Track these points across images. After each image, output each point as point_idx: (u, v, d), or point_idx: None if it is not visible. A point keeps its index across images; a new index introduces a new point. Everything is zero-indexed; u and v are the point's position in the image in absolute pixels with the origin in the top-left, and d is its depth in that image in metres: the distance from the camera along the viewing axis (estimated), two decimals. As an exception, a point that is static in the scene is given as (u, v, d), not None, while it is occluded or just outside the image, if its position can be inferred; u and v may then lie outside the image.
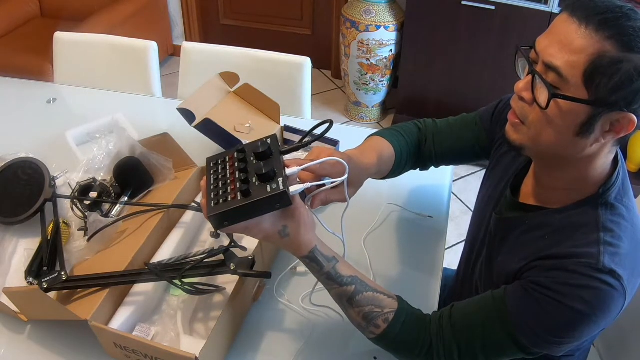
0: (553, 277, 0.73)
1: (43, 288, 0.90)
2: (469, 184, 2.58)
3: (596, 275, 0.70)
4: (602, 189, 0.77)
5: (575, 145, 0.73)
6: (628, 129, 0.69)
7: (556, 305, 0.72)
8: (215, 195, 0.74)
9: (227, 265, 0.89)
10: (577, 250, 0.73)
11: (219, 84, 1.33)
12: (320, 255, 0.81)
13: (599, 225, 0.75)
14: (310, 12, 3.23)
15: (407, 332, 0.83)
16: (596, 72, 0.66)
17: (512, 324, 0.76)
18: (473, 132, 1.03)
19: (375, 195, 1.22)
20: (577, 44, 0.66)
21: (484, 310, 0.80)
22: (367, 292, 0.83)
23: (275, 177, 0.74)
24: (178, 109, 1.22)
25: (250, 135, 1.25)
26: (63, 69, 1.76)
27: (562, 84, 0.68)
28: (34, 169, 1.14)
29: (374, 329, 0.82)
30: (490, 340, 0.78)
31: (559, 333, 0.74)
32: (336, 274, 0.82)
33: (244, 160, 0.78)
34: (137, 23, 3.02)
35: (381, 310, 0.82)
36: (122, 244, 1.00)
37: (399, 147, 1.02)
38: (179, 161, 1.14)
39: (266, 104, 1.32)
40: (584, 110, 0.69)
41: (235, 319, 0.92)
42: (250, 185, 0.73)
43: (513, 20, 2.27)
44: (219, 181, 0.77)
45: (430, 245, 1.11)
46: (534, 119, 0.74)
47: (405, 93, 2.73)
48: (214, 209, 0.73)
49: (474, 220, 1.04)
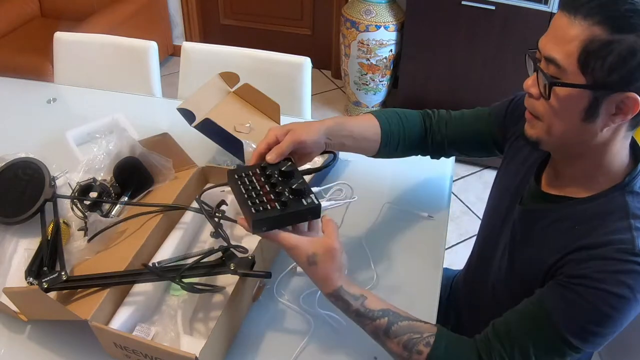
0: (591, 267, 0.74)
1: (43, 288, 0.90)
2: (469, 184, 2.58)
3: (633, 259, 0.72)
4: (627, 178, 0.78)
5: (586, 132, 0.76)
6: (634, 109, 0.71)
7: (598, 293, 0.72)
8: (253, 204, 0.81)
9: (227, 265, 0.89)
10: (610, 237, 0.74)
11: (219, 84, 1.33)
12: (346, 295, 0.82)
13: (629, 212, 0.76)
14: (310, 12, 3.23)
15: (452, 353, 0.81)
16: (589, 57, 0.69)
17: (558, 324, 0.75)
18: (486, 124, 1.06)
19: (375, 195, 1.22)
20: (570, 34, 0.70)
21: (527, 320, 0.78)
22: (402, 322, 0.82)
23: (306, 192, 0.83)
24: (178, 109, 1.22)
25: (250, 135, 1.25)
26: (63, 69, 1.76)
27: (561, 73, 0.72)
28: (34, 169, 1.14)
29: (417, 356, 0.80)
30: (540, 345, 0.76)
31: (605, 322, 0.73)
32: (365, 310, 0.82)
33: (269, 177, 0.86)
34: (137, 23, 3.02)
35: (420, 336, 0.81)
36: (122, 244, 1.00)
37: (388, 127, 1.03)
38: (179, 161, 1.14)
39: (266, 104, 1.31)
40: (585, 95, 0.72)
41: (235, 319, 0.92)
42: (287, 199, 0.82)
43: (513, 20, 2.27)
44: (250, 192, 0.84)
45: (430, 245, 1.11)
46: (543, 112, 0.78)
47: (405, 93, 2.73)
48: (258, 214, 0.80)
49: (489, 217, 1.04)
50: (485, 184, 2.57)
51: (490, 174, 2.63)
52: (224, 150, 1.31)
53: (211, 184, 1.16)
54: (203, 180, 1.17)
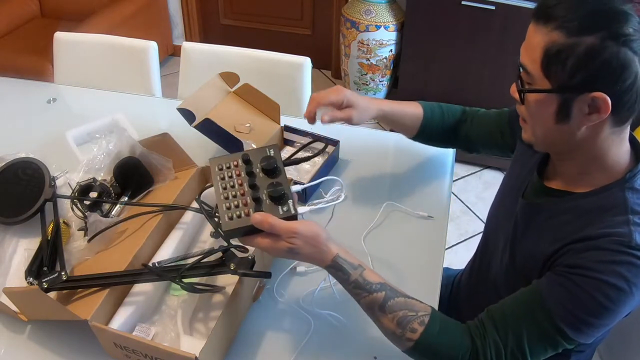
0: (587, 257, 0.75)
1: (43, 288, 0.90)
2: (468, 184, 2.58)
3: (629, 251, 0.73)
4: (628, 174, 0.80)
5: (563, 132, 0.78)
6: (606, 108, 0.72)
7: (593, 282, 0.74)
8: (227, 209, 0.81)
9: (227, 265, 0.89)
10: (608, 230, 0.76)
11: (219, 84, 1.32)
12: (345, 263, 0.82)
13: (627, 207, 0.77)
14: (310, 12, 3.23)
15: (446, 334, 0.81)
16: (551, 62, 0.72)
17: (552, 312, 0.76)
18: (500, 126, 1.13)
19: (375, 194, 1.22)
20: (535, 41, 0.74)
21: (522, 306, 0.80)
22: (399, 298, 0.82)
23: (284, 198, 0.81)
24: (178, 109, 1.22)
25: (250, 135, 1.25)
26: (63, 69, 1.76)
27: (531, 79, 0.76)
28: (34, 169, 1.14)
29: (411, 334, 0.80)
30: (534, 333, 0.78)
31: (599, 312, 0.75)
32: (364, 281, 0.82)
33: (251, 173, 0.85)
34: (137, 23, 3.02)
35: (415, 314, 0.81)
36: (122, 244, 1.00)
37: (430, 114, 1.15)
38: (179, 161, 1.14)
39: (266, 103, 1.31)
40: (553, 99, 0.75)
41: (235, 319, 0.92)
42: (262, 204, 0.81)
43: (513, 20, 2.27)
44: (228, 192, 0.83)
45: (430, 245, 1.11)
46: (525, 116, 0.83)
47: (405, 93, 2.73)
48: (229, 224, 0.79)
49: (494, 213, 1.07)
50: (485, 184, 2.57)
51: (490, 174, 2.63)
52: (224, 150, 1.31)
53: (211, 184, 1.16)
54: (203, 180, 1.17)
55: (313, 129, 1.28)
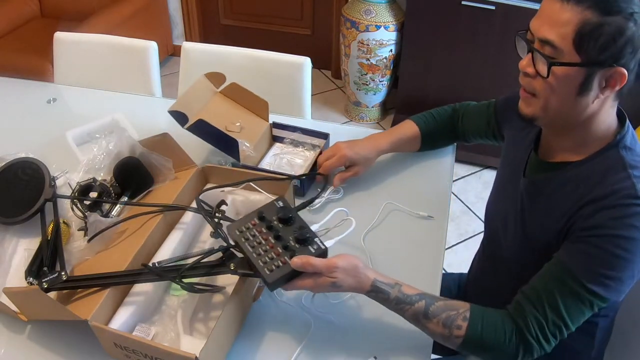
0: (599, 217, 0.81)
1: (43, 288, 0.90)
2: (468, 184, 2.58)
3: (637, 202, 0.79)
4: (619, 136, 0.86)
5: (579, 105, 0.83)
6: (621, 81, 0.79)
7: (610, 239, 0.79)
8: (264, 263, 0.86)
9: (227, 265, 0.89)
10: (613, 187, 0.81)
11: (206, 85, 1.32)
12: (383, 285, 0.88)
13: (625, 164, 0.83)
14: (310, 12, 3.23)
15: (489, 323, 0.85)
16: (583, 38, 0.77)
17: (579, 277, 0.81)
18: (487, 116, 1.18)
19: (375, 194, 1.23)
20: (564, 18, 0.78)
21: (550, 278, 0.84)
22: (438, 302, 0.87)
23: (310, 239, 0.88)
24: (169, 112, 1.21)
25: (241, 134, 1.25)
26: (63, 69, 1.76)
27: (557, 53, 0.79)
28: (34, 169, 1.14)
29: (457, 331, 0.85)
30: (568, 299, 0.82)
31: (619, 265, 0.80)
32: (404, 296, 0.88)
33: (271, 227, 0.91)
34: (137, 23, 3.02)
35: (457, 312, 0.86)
36: (122, 244, 1.00)
37: (425, 127, 1.24)
38: (179, 161, 1.14)
39: (254, 102, 1.31)
40: (580, 72, 0.80)
41: (235, 319, 0.92)
42: (294, 249, 0.87)
43: (513, 20, 2.27)
44: (258, 249, 0.88)
45: (430, 245, 1.11)
46: (540, 90, 0.84)
47: (405, 93, 2.73)
48: (271, 275, 0.85)
49: (494, 201, 1.10)
50: (485, 184, 2.57)
51: (490, 174, 2.63)
52: (217, 150, 1.30)
53: (211, 184, 1.16)
54: (203, 180, 1.17)
55: (301, 125, 1.33)
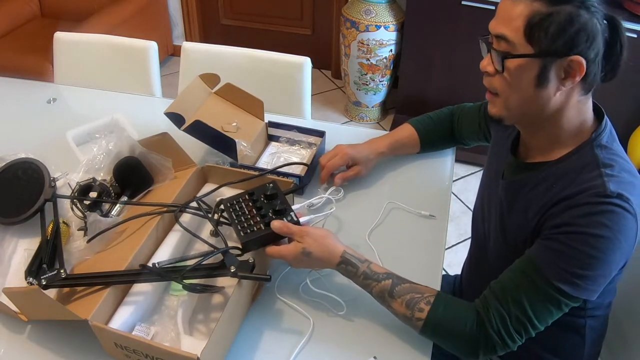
0: (568, 214, 0.80)
1: (42, 285, 0.89)
2: (469, 184, 2.58)
3: (606, 200, 0.78)
4: (594, 134, 0.86)
5: (540, 98, 0.83)
6: (580, 71, 0.79)
7: (578, 237, 0.79)
8: (242, 228, 0.95)
9: (227, 267, 0.89)
10: (583, 186, 0.81)
11: (201, 86, 1.32)
12: (352, 258, 0.92)
13: (599, 162, 0.83)
14: (310, 12, 3.23)
15: (452, 310, 0.87)
16: (533, 29, 0.78)
17: (546, 274, 0.81)
18: (479, 117, 1.20)
19: (375, 194, 1.23)
20: (515, 12, 0.80)
21: (518, 274, 0.84)
22: (405, 284, 0.90)
23: (287, 211, 0.97)
24: (165, 114, 1.21)
25: (237, 134, 1.25)
26: (63, 69, 1.76)
27: (511, 47, 0.81)
28: (34, 169, 1.14)
29: (419, 314, 0.87)
30: (533, 297, 0.82)
31: (589, 264, 0.79)
32: (372, 272, 0.91)
33: (256, 202, 0.99)
34: (137, 23, 3.02)
35: (421, 295, 0.88)
36: (122, 244, 1.00)
37: (423, 129, 1.26)
38: (179, 161, 1.14)
39: (250, 101, 1.32)
40: (534, 64, 0.80)
41: (235, 319, 0.92)
42: (271, 219, 0.95)
43: (513, 20, 2.27)
44: (240, 217, 0.97)
45: (430, 245, 1.12)
46: (499, 87, 0.86)
47: (405, 93, 2.73)
48: (245, 237, 0.94)
49: (480, 202, 1.11)
50: (485, 183, 2.57)
51: (490, 173, 2.63)
52: (215, 150, 1.30)
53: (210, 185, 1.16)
54: (203, 180, 1.17)
55: (297, 124, 1.35)
